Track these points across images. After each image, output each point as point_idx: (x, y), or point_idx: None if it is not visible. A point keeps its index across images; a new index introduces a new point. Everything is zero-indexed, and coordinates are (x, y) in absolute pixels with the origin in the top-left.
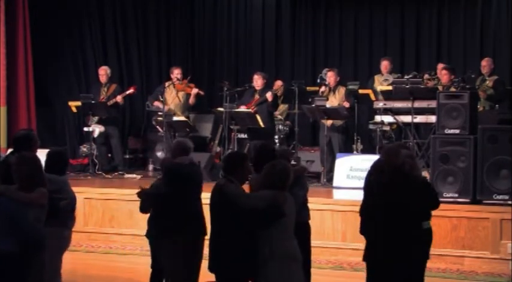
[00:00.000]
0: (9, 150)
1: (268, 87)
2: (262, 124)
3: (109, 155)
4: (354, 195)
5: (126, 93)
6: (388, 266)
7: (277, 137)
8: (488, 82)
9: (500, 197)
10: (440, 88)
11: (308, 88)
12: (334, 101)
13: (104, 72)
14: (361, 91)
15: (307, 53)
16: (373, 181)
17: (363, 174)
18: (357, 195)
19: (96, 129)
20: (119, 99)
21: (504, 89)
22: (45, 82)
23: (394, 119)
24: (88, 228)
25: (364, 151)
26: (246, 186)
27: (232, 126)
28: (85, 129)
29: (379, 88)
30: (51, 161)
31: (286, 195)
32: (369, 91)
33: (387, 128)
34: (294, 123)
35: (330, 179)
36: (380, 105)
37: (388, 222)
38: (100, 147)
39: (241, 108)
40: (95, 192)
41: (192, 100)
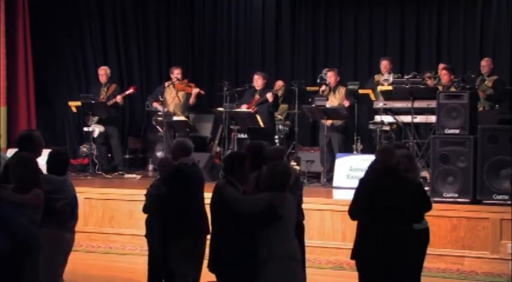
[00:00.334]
0: (9, 151)
1: (268, 87)
2: (262, 124)
3: (109, 155)
4: None
5: (126, 93)
6: (378, 266)
7: (277, 137)
8: (487, 82)
9: (500, 197)
10: (440, 88)
11: (308, 88)
12: (334, 101)
13: (104, 72)
14: (361, 91)
15: (307, 53)
16: (365, 180)
17: (362, 174)
18: None
19: (96, 129)
20: (119, 99)
21: (504, 89)
22: (45, 82)
23: (394, 119)
24: (88, 228)
25: (364, 151)
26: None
27: (232, 126)
28: (85, 129)
29: (379, 88)
30: (53, 160)
31: (285, 197)
32: (369, 91)
33: (387, 128)
34: (294, 123)
35: (329, 179)
36: (380, 105)
37: (378, 223)
38: (100, 147)
39: (242, 108)
40: (95, 192)
41: (192, 100)
